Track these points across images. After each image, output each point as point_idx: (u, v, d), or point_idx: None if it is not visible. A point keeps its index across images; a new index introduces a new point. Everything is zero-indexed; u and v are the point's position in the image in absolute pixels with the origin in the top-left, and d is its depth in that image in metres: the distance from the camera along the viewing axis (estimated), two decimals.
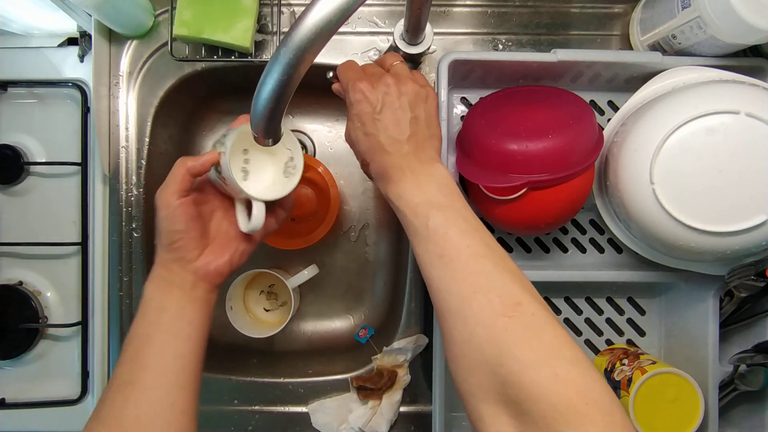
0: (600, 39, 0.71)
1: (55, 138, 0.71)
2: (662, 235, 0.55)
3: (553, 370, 0.38)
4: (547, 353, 0.39)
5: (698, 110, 0.52)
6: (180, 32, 0.64)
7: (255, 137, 0.44)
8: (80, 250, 0.70)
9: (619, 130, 0.60)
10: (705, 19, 0.55)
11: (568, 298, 0.69)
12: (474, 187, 0.61)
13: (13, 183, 0.70)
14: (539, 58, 0.61)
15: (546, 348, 0.39)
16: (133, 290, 0.70)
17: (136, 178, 0.71)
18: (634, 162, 0.54)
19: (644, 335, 0.70)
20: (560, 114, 0.57)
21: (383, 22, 0.71)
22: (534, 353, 0.39)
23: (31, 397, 0.70)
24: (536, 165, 0.55)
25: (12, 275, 0.71)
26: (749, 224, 0.51)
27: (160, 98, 0.71)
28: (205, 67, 0.71)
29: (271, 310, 0.79)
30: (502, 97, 0.62)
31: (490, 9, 0.71)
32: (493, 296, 0.41)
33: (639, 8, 0.68)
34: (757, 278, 0.57)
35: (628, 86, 0.64)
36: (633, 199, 0.55)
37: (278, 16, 0.69)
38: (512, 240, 0.68)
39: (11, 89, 0.70)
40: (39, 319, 0.70)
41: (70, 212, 0.70)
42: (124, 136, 0.70)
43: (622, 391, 0.62)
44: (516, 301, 0.41)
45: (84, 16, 0.66)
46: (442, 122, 0.60)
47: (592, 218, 0.68)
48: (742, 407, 0.66)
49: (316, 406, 0.70)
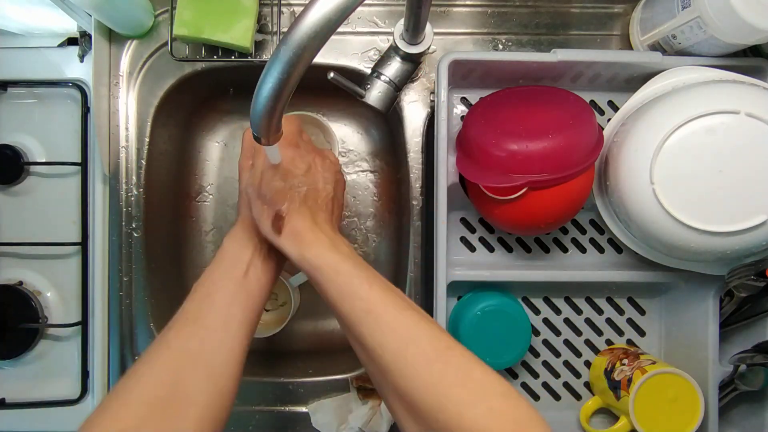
0: (600, 39, 0.71)
1: (55, 138, 0.71)
2: (662, 235, 0.55)
3: (488, 405, 0.40)
4: (480, 390, 0.42)
5: (698, 110, 0.52)
6: (180, 32, 0.64)
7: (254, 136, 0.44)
8: (80, 250, 0.70)
9: (619, 130, 0.60)
10: (705, 19, 0.55)
11: (568, 298, 0.69)
12: (474, 187, 0.61)
13: (13, 183, 0.70)
14: (539, 58, 0.61)
15: (479, 386, 0.42)
16: (133, 290, 0.70)
17: (136, 178, 0.71)
18: (634, 162, 0.54)
19: (644, 335, 0.70)
20: (560, 114, 0.57)
21: (383, 22, 0.71)
22: (468, 393, 0.41)
23: (31, 397, 0.70)
24: (536, 165, 0.55)
25: (12, 275, 0.71)
26: (749, 224, 0.51)
27: (160, 98, 0.71)
28: (205, 67, 0.71)
29: (271, 310, 0.79)
30: (502, 97, 0.62)
31: (490, 9, 0.71)
32: (424, 344, 0.44)
33: (639, 8, 0.68)
34: (757, 278, 0.57)
35: (628, 86, 0.64)
36: (633, 199, 0.55)
37: (278, 16, 0.69)
38: (512, 240, 0.68)
39: (11, 89, 0.70)
40: (39, 319, 0.70)
41: (70, 212, 0.70)
42: (124, 136, 0.70)
43: (622, 391, 0.62)
44: (445, 346, 0.44)
45: (84, 16, 0.66)
46: (442, 122, 0.60)
47: (592, 218, 0.68)
48: (742, 407, 0.66)
49: (316, 406, 0.70)
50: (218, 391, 0.47)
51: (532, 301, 0.69)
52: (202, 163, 0.82)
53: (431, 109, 0.71)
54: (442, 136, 0.60)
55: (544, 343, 0.69)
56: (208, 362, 0.47)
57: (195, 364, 0.46)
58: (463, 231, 0.68)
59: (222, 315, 0.49)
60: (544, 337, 0.69)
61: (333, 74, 0.62)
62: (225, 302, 0.50)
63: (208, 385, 0.46)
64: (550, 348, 0.69)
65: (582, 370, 0.69)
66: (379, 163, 0.82)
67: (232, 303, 0.50)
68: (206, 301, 0.50)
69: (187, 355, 0.46)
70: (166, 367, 0.46)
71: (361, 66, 0.71)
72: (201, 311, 0.49)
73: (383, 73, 0.65)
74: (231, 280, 0.51)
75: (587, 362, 0.69)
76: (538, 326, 0.69)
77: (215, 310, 0.49)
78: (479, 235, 0.68)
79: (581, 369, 0.69)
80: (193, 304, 0.50)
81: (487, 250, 0.68)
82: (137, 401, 0.43)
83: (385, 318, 0.45)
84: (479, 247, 0.68)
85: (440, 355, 0.43)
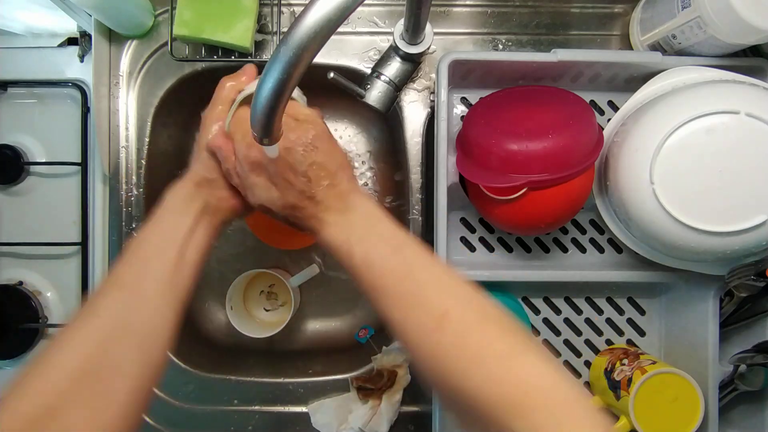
0: (600, 39, 0.71)
1: (55, 138, 0.71)
2: (662, 235, 0.55)
3: (487, 371, 0.38)
4: (476, 357, 0.39)
5: (698, 110, 0.52)
6: (180, 32, 0.64)
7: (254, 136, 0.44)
8: (80, 250, 0.70)
9: (619, 130, 0.60)
10: (705, 19, 0.55)
11: (568, 298, 0.69)
12: (474, 187, 0.61)
13: (13, 183, 0.70)
14: (539, 58, 0.61)
15: (474, 352, 0.40)
16: None
17: (136, 178, 0.71)
18: (634, 162, 0.54)
19: (644, 335, 0.70)
20: (560, 114, 0.57)
21: (383, 22, 0.71)
22: (464, 362, 0.39)
23: None
24: (536, 165, 0.55)
25: (12, 275, 0.71)
26: (749, 224, 0.51)
27: (160, 98, 0.71)
28: (205, 67, 0.71)
29: (271, 310, 0.79)
30: (502, 97, 0.62)
31: (490, 9, 0.71)
32: (421, 314, 0.42)
33: (639, 8, 0.68)
34: (757, 278, 0.57)
35: (628, 86, 0.64)
36: (633, 199, 0.55)
37: (278, 16, 0.69)
38: (512, 240, 0.68)
39: (11, 89, 0.70)
40: (39, 319, 0.70)
41: (70, 212, 0.70)
42: (124, 136, 0.70)
43: (622, 391, 0.62)
44: (442, 312, 0.41)
45: (84, 16, 0.66)
46: (442, 122, 0.60)
47: (592, 218, 0.68)
48: (742, 407, 0.66)
49: (316, 406, 0.70)
50: (150, 362, 0.44)
51: (532, 301, 0.69)
52: None
53: (431, 109, 0.71)
54: (442, 136, 0.60)
55: (544, 343, 0.69)
56: (140, 331, 0.44)
57: (125, 333, 0.43)
58: (463, 231, 0.68)
59: (159, 282, 0.45)
60: (544, 337, 0.69)
61: (333, 74, 0.62)
62: (163, 268, 0.46)
63: (140, 355, 0.43)
64: (550, 348, 0.69)
65: (582, 370, 0.69)
66: (379, 163, 0.82)
67: (172, 269, 0.46)
68: (143, 266, 0.46)
69: (117, 323, 0.43)
70: (93, 336, 0.42)
71: (361, 66, 0.71)
72: (136, 277, 0.46)
73: (383, 73, 0.65)
74: (171, 243, 0.47)
75: (587, 362, 0.69)
76: (538, 326, 0.69)
77: (152, 276, 0.46)
78: (479, 235, 0.68)
79: (581, 369, 0.69)
80: (128, 268, 0.46)
81: (487, 250, 0.68)
82: (58, 375, 0.39)
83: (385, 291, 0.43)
84: (479, 247, 0.68)
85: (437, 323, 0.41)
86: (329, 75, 0.61)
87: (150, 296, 0.45)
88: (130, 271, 0.46)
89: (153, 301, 0.45)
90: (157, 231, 0.48)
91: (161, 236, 0.48)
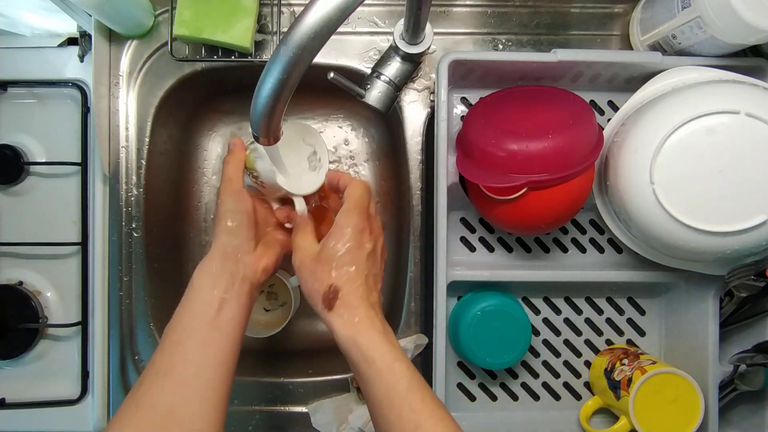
0: (600, 39, 0.71)
1: (55, 138, 0.71)
2: (662, 235, 0.55)
3: None
4: None
5: (698, 110, 0.52)
6: (180, 32, 0.64)
7: (255, 136, 0.44)
8: (80, 250, 0.70)
9: (619, 130, 0.60)
10: (705, 19, 0.55)
11: (568, 298, 0.69)
12: (474, 187, 0.61)
13: (13, 183, 0.70)
14: (539, 58, 0.61)
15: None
16: (133, 290, 0.70)
17: (136, 178, 0.71)
18: (634, 162, 0.54)
19: (644, 335, 0.70)
20: (560, 114, 0.57)
21: (383, 22, 0.71)
22: None
23: (31, 397, 0.70)
24: (536, 165, 0.55)
25: (12, 275, 0.71)
26: (749, 224, 0.51)
27: (160, 98, 0.71)
28: (205, 67, 0.71)
29: (271, 310, 0.79)
30: (502, 97, 0.62)
31: (490, 9, 0.71)
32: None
33: (639, 8, 0.68)
34: (757, 278, 0.57)
35: (628, 86, 0.64)
36: (633, 199, 0.55)
37: (278, 16, 0.69)
38: (512, 240, 0.68)
39: (11, 89, 0.70)
40: (39, 319, 0.70)
41: (70, 212, 0.70)
42: (124, 136, 0.70)
43: (622, 391, 0.62)
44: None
45: (84, 16, 0.66)
46: (442, 122, 0.60)
47: (592, 218, 0.68)
48: (742, 407, 0.66)
49: (316, 406, 0.70)
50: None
51: (532, 301, 0.69)
52: (202, 163, 0.82)
53: (431, 109, 0.71)
54: (442, 136, 0.60)
55: (544, 343, 0.69)
56: (181, 417, 0.44)
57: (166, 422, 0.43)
58: (463, 231, 0.68)
59: (193, 364, 0.46)
60: (544, 337, 0.69)
61: (333, 74, 0.62)
62: (196, 349, 0.46)
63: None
64: (550, 348, 0.69)
65: (582, 370, 0.69)
66: (378, 164, 0.82)
67: (205, 348, 0.46)
68: (176, 349, 0.46)
69: (156, 414, 0.43)
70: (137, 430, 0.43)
71: (361, 66, 0.71)
72: (171, 362, 0.46)
73: (383, 73, 0.65)
74: (202, 322, 0.47)
75: (587, 362, 0.69)
76: (538, 326, 0.69)
77: (185, 359, 0.46)
78: (479, 235, 0.68)
79: (581, 369, 0.69)
80: (162, 354, 0.47)
81: (487, 250, 0.68)
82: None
83: None
84: (479, 247, 0.68)
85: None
86: (329, 75, 0.61)
87: (184, 380, 0.45)
88: (162, 357, 0.46)
89: (189, 385, 0.45)
90: (188, 311, 0.48)
91: (191, 315, 0.48)
